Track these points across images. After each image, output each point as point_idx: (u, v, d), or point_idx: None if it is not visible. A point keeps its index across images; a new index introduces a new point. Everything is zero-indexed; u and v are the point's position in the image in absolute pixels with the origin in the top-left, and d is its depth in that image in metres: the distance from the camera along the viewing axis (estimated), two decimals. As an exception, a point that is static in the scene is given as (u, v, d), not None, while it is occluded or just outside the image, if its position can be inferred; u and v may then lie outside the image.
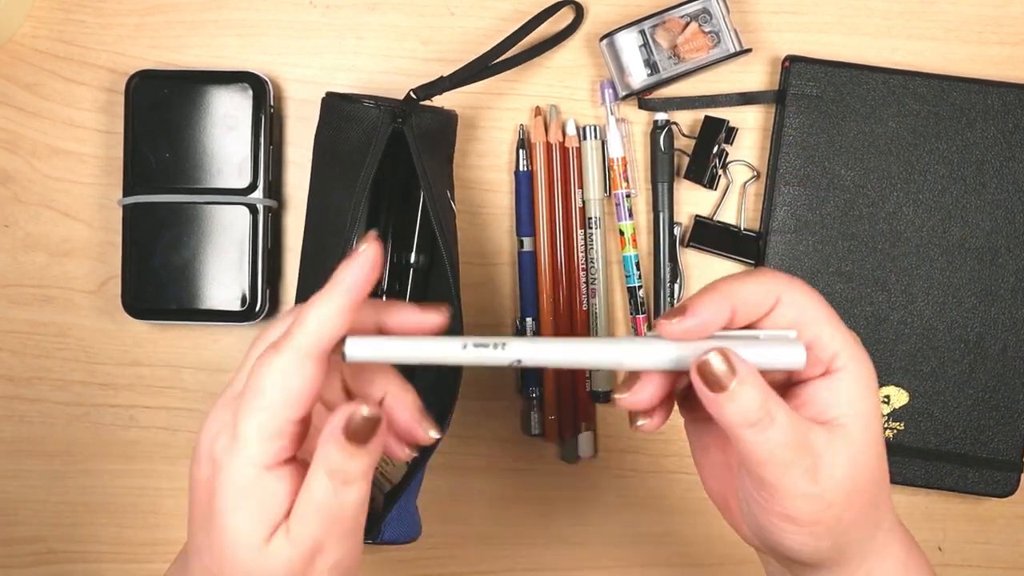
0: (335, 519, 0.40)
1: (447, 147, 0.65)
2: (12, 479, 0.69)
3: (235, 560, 0.40)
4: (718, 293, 0.41)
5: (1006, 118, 0.65)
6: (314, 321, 0.39)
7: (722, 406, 0.39)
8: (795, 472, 0.40)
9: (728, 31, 0.65)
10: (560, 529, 0.69)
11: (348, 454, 0.39)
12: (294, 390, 0.39)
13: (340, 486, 0.39)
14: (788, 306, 0.41)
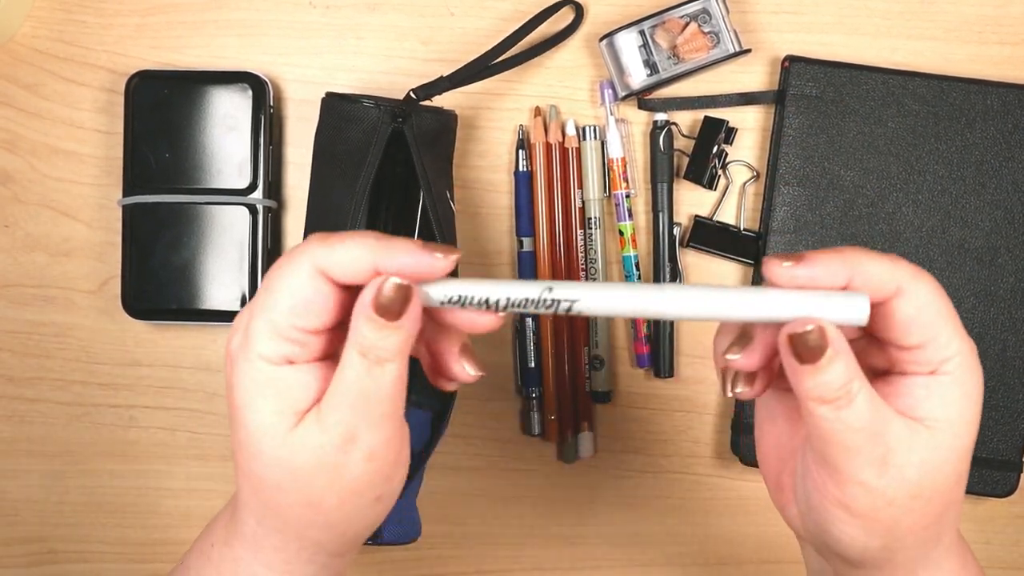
0: (369, 401, 0.38)
1: (447, 147, 0.65)
2: (12, 479, 0.69)
3: (261, 451, 0.39)
4: (841, 257, 0.39)
5: (1006, 118, 0.65)
6: (336, 244, 0.38)
7: (804, 377, 0.38)
8: (861, 459, 0.39)
9: (728, 31, 0.65)
10: (560, 529, 0.69)
11: (380, 328, 0.37)
12: (302, 299, 0.38)
13: (373, 365, 0.38)
14: (909, 297, 0.39)
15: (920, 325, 0.39)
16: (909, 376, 0.40)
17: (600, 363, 0.68)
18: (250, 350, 0.39)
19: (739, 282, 0.68)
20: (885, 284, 0.39)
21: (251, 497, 0.42)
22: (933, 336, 0.39)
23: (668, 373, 0.68)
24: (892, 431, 0.39)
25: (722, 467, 0.69)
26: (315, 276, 0.38)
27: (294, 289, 0.38)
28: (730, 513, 0.69)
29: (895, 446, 0.39)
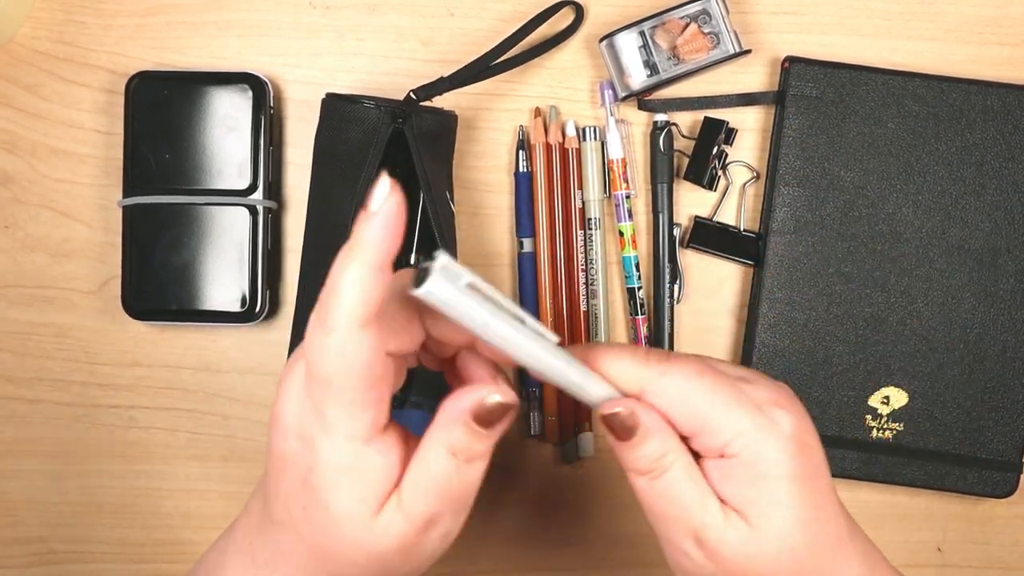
0: (455, 495, 0.40)
1: (447, 148, 0.65)
2: (12, 479, 0.69)
3: (342, 536, 0.39)
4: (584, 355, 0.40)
5: (1006, 119, 0.65)
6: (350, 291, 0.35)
7: (622, 452, 0.40)
8: (678, 529, 0.41)
9: (728, 32, 0.65)
10: (560, 529, 0.69)
11: (475, 435, 0.38)
12: (359, 365, 0.36)
13: (463, 464, 0.39)
14: (658, 396, 0.40)
15: (679, 418, 0.40)
16: (705, 460, 0.41)
17: (600, 363, 0.68)
18: (334, 432, 0.38)
19: (740, 284, 0.68)
20: (629, 384, 0.40)
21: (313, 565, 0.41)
22: (699, 425, 0.40)
23: (668, 373, 0.68)
24: (707, 510, 0.40)
25: (722, 467, 0.69)
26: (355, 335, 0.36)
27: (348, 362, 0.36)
28: (730, 513, 0.69)
29: (709, 524, 0.40)
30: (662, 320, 0.67)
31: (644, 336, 0.68)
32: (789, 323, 0.65)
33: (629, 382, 0.40)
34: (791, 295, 0.65)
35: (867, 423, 0.65)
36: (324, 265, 0.61)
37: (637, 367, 0.40)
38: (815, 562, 0.41)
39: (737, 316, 0.68)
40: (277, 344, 0.68)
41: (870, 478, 0.66)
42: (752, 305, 0.67)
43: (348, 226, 0.59)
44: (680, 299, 0.68)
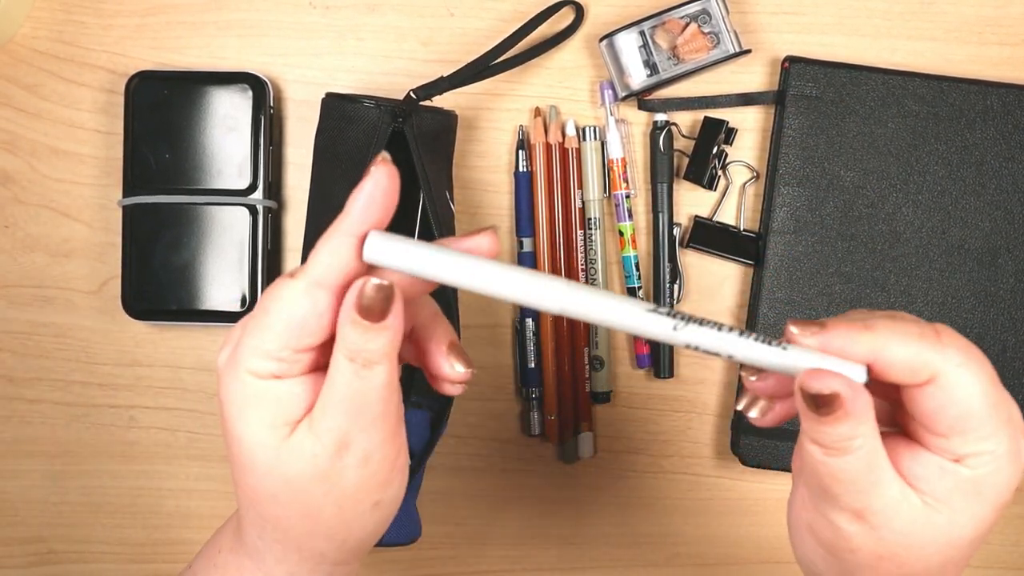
0: (359, 405, 0.38)
1: (447, 148, 0.65)
2: (12, 479, 0.69)
3: (255, 464, 0.39)
4: (868, 335, 0.37)
5: (1006, 119, 0.65)
6: (325, 252, 0.37)
7: (808, 421, 0.37)
8: (838, 503, 0.39)
9: (728, 32, 0.65)
10: (560, 529, 0.69)
11: (365, 331, 0.37)
12: (297, 316, 0.37)
13: (361, 369, 0.37)
14: (942, 387, 0.37)
15: (951, 418, 0.37)
16: (931, 452, 0.38)
17: (600, 363, 0.68)
18: (238, 366, 0.38)
19: (740, 283, 0.68)
20: (915, 371, 0.37)
21: (249, 510, 0.41)
22: (964, 430, 0.37)
23: (668, 373, 0.68)
24: (882, 491, 0.38)
25: (722, 467, 0.69)
26: (309, 291, 0.38)
27: (290, 309, 0.38)
28: (730, 513, 0.69)
29: (878, 507, 0.38)
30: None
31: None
32: (789, 323, 0.65)
33: (916, 369, 0.37)
34: (791, 295, 0.65)
35: (867, 423, 0.65)
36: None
37: (927, 351, 0.36)
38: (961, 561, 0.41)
39: (737, 316, 0.68)
40: (277, 344, 0.68)
41: (870, 478, 0.66)
42: (752, 305, 0.67)
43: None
44: (680, 299, 0.68)
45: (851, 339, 0.37)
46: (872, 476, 0.38)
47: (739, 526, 0.69)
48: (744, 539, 0.69)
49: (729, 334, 0.37)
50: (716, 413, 0.69)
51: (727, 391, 0.69)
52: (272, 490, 0.40)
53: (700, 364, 0.68)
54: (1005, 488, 0.38)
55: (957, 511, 0.38)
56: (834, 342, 0.37)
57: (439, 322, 0.42)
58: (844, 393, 0.36)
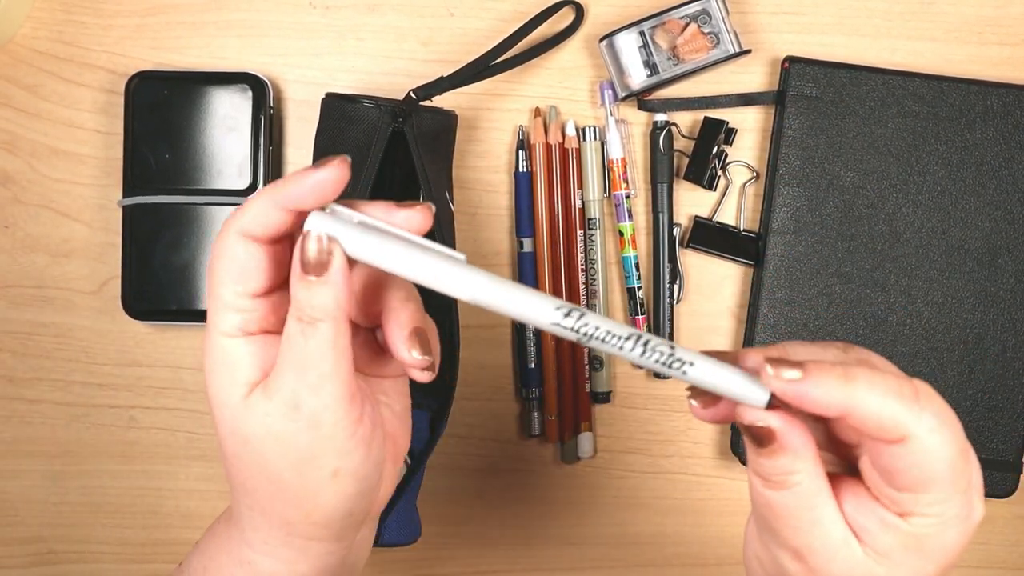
0: (305, 365, 0.39)
1: (447, 148, 0.65)
2: (12, 479, 0.69)
3: (220, 423, 0.41)
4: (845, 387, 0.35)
5: (1006, 119, 0.65)
6: (251, 208, 0.39)
7: (749, 451, 0.37)
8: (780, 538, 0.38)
9: (727, 32, 0.65)
10: (560, 529, 0.69)
11: (307, 287, 0.38)
12: (237, 264, 0.39)
13: (307, 327, 0.38)
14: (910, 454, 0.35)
15: (911, 479, 0.36)
16: (876, 502, 0.38)
17: (600, 363, 0.68)
18: (211, 329, 0.40)
19: (740, 283, 0.68)
20: (887, 430, 0.35)
21: (227, 474, 0.43)
22: (921, 492, 0.36)
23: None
24: (822, 532, 0.37)
25: (722, 467, 0.69)
26: (240, 239, 0.39)
27: (227, 257, 0.39)
28: (730, 513, 0.69)
29: (817, 548, 0.37)
30: (662, 320, 0.67)
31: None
32: (789, 323, 0.65)
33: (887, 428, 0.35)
34: (791, 295, 0.65)
35: (867, 423, 0.65)
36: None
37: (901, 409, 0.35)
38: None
39: (737, 316, 0.68)
40: (277, 344, 0.68)
41: (870, 478, 0.66)
42: (752, 305, 0.67)
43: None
44: (680, 299, 0.68)
45: (829, 388, 0.35)
46: (811, 515, 0.37)
47: (739, 526, 0.69)
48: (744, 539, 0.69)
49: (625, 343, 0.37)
50: (716, 413, 0.69)
51: (727, 391, 0.68)
52: (234, 450, 0.41)
53: (700, 364, 0.68)
54: (950, 549, 0.37)
55: (897, 565, 0.37)
56: (812, 391, 0.35)
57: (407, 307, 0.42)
58: (777, 428, 0.36)
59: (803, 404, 0.36)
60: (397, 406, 0.45)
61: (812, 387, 0.35)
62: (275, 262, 0.40)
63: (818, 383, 0.35)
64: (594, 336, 0.37)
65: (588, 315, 0.37)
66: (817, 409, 0.35)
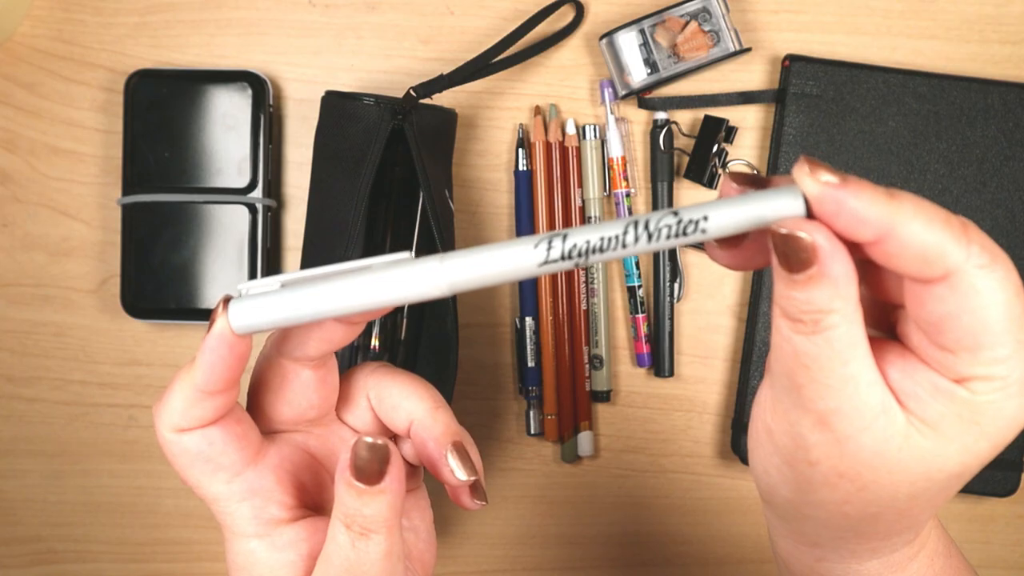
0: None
1: (446, 146, 0.65)
2: (12, 479, 0.69)
3: None
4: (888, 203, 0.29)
5: (1006, 117, 0.65)
6: (171, 399, 0.36)
7: (779, 281, 0.31)
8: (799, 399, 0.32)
9: (728, 30, 0.65)
10: (560, 528, 0.69)
11: (359, 495, 0.34)
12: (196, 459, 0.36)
13: (358, 539, 0.35)
14: (955, 291, 0.30)
15: (961, 329, 0.30)
16: (928, 367, 0.32)
17: (600, 363, 0.68)
18: (227, 535, 0.37)
19: (740, 283, 0.68)
20: (930, 262, 0.30)
21: None
22: (975, 347, 0.30)
23: (668, 373, 0.68)
24: (856, 393, 0.31)
25: (722, 467, 0.69)
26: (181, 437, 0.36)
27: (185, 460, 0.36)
28: (730, 513, 0.69)
29: (848, 411, 0.32)
30: (662, 319, 0.67)
31: (644, 335, 0.67)
32: (789, 322, 0.65)
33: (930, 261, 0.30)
34: (791, 294, 0.65)
35: (868, 422, 0.65)
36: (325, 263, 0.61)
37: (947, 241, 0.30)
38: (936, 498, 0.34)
39: (737, 315, 0.68)
40: (276, 343, 0.68)
41: (871, 477, 0.66)
42: (752, 304, 0.67)
43: (348, 224, 0.59)
44: (680, 297, 0.68)
45: (870, 201, 0.29)
46: (845, 370, 0.31)
47: (739, 526, 0.69)
48: (744, 539, 0.69)
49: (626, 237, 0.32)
50: (716, 413, 0.69)
51: (727, 391, 0.68)
52: None
53: (700, 364, 0.68)
54: (1012, 423, 0.32)
55: (946, 439, 0.32)
56: (851, 201, 0.29)
57: (435, 413, 0.39)
58: (821, 244, 0.30)
59: (839, 218, 0.30)
60: (421, 525, 0.42)
61: (852, 196, 0.29)
62: (237, 435, 0.36)
63: (859, 194, 0.29)
64: (591, 250, 0.32)
65: (571, 233, 0.32)
66: (854, 226, 0.30)
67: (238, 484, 0.36)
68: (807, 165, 0.30)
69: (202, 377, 0.35)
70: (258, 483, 0.37)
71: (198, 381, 0.35)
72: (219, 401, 0.36)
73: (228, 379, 0.35)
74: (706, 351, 0.68)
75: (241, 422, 0.37)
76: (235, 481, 0.36)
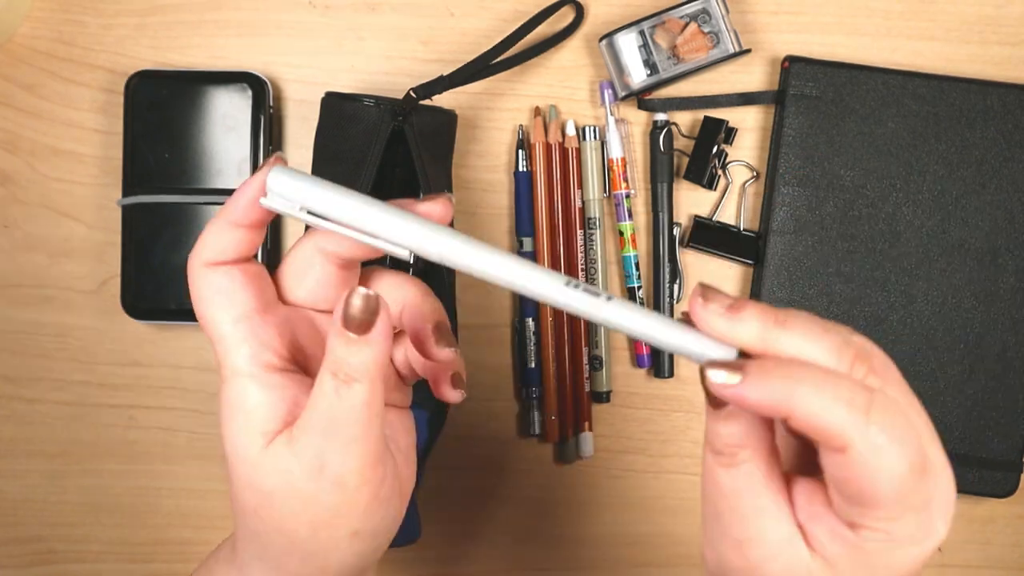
0: (337, 424, 0.37)
1: (447, 147, 0.65)
2: (12, 479, 0.69)
3: (236, 473, 0.39)
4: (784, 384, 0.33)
5: (1006, 118, 0.65)
6: (204, 235, 0.39)
7: (707, 415, 0.35)
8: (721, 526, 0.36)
9: (727, 31, 0.65)
10: (560, 529, 0.69)
11: (347, 343, 0.36)
12: (216, 290, 0.39)
13: (342, 385, 0.37)
14: (850, 465, 0.33)
15: (853, 491, 0.33)
16: (828, 509, 0.36)
17: (600, 363, 0.68)
18: (223, 372, 0.39)
19: (740, 283, 0.68)
20: (827, 438, 0.33)
21: (237, 520, 0.41)
22: (866, 507, 0.34)
23: (668, 373, 0.68)
24: (766, 525, 0.35)
25: (722, 467, 0.69)
26: (207, 269, 0.39)
27: (204, 289, 0.39)
28: (730, 513, 0.69)
29: (757, 541, 0.35)
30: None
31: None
32: (789, 323, 0.65)
33: (830, 435, 0.33)
34: (791, 295, 0.65)
35: (867, 423, 0.65)
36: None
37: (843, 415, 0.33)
38: None
39: (737, 316, 0.68)
40: (277, 344, 0.68)
41: (870, 478, 0.66)
42: (752, 305, 0.67)
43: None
44: (680, 299, 0.68)
45: (769, 390, 0.33)
46: (756, 502, 0.35)
47: (739, 526, 0.69)
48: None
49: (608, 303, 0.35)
50: (716, 413, 0.69)
51: (727, 391, 0.68)
52: (251, 501, 0.39)
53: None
54: (900, 570, 0.35)
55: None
56: (749, 396, 0.33)
57: (426, 297, 0.42)
58: (730, 392, 0.33)
59: (743, 407, 0.33)
60: (403, 442, 0.44)
61: (751, 388, 0.33)
62: (254, 280, 0.40)
63: (758, 385, 0.33)
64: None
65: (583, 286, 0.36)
66: (759, 412, 0.33)
67: (243, 325, 0.39)
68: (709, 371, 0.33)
69: (232, 208, 0.39)
70: (261, 330, 0.39)
71: (228, 213, 0.39)
72: (244, 235, 0.39)
73: (254, 218, 0.39)
74: (706, 352, 0.68)
75: (260, 276, 0.40)
76: (241, 322, 0.39)
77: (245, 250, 0.40)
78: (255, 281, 0.40)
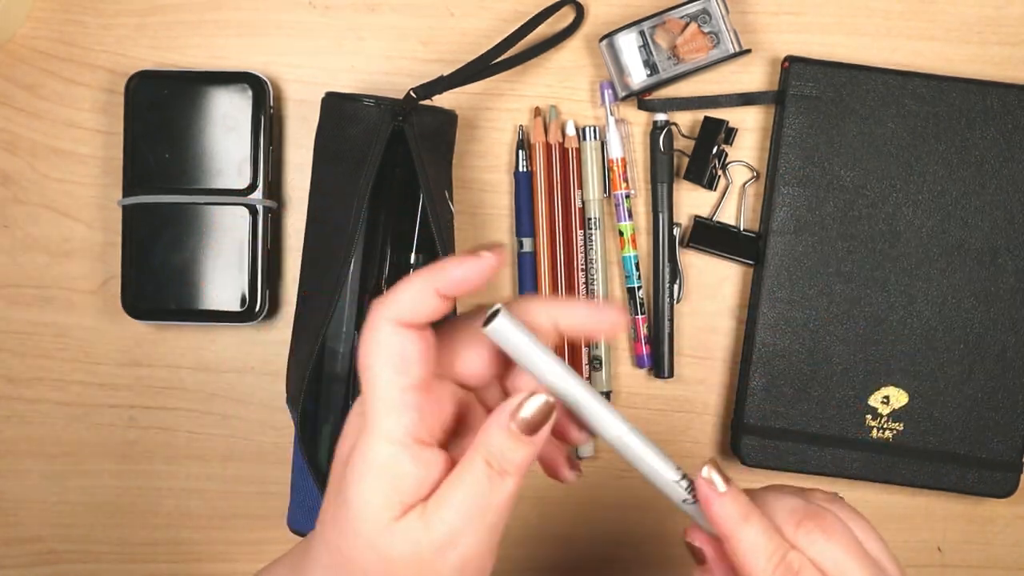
0: (481, 511, 0.38)
1: (447, 147, 0.65)
2: (12, 479, 0.69)
3: (358, 533, 0.39)
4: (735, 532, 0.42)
5: (1006, 119, 0.65)
6: (402, 293, 0.39)
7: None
8: None
9: (727, 32, 0.65)
10: (560, 529, 0.69)
11: (513, 441, 0.38)
12: (397, 354, 0.38)
13: (496, 476, 0.38)
14: None
15: None
16: None
17: (600, 363, 0.68)
18: (373, 430, 0.39)
19: (740, 283, 0.68)
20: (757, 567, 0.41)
21: (325, 564, 0.41)
22: None
23: (668, 373, 0.68)
24: None
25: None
26: (397, 329, 0.39)
27: (385, 349, 0.38)
28: (730, 513, 0.69)
29: None
30: (662, 320, 0.67)
31: (644, 336, 0.68)
32: (789, 323, 0.65)
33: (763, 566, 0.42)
34: (791, 295, 0.65)
35: (867, 423, 0.65)
36: (324, 264, 0.61)
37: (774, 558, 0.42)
38: None
39: (737, 316, 0.68)
40: (277, 344, 0.68)
41: (870, 478, 0.66)
42: (752, 305, 0.67)
43: (348, 225, 0.59)
44: (680, 299, 0.68)
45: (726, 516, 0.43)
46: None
47: (739, 526, 0.69)
48: (744, 539, 0.69)
49: None
50: (716, 413, 0.69)
51: (727, 391, 0.69)
52: (367, 562, 0.39)
53: (700, 364, 0.68)
54: None
55: None
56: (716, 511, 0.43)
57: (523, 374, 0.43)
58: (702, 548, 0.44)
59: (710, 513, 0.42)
60: None
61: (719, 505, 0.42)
62: (431, 351, 0.39)
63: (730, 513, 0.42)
64: None
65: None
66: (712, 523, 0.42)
67: (411, 396, 0.39)
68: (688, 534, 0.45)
69: (442, 277, 0.39)
70: (425, 406, 0.39)
71: (437, 280, 0.39)
72: (443, 306, 0.39)
73: (461, 292, 0.39)
74: (706, 352, 0.68)
75: (434, 347, 0.40)
76: (410, 392, 0.39)
77: (436, 318, 0.40)
78: (431, 352, 0.40)
